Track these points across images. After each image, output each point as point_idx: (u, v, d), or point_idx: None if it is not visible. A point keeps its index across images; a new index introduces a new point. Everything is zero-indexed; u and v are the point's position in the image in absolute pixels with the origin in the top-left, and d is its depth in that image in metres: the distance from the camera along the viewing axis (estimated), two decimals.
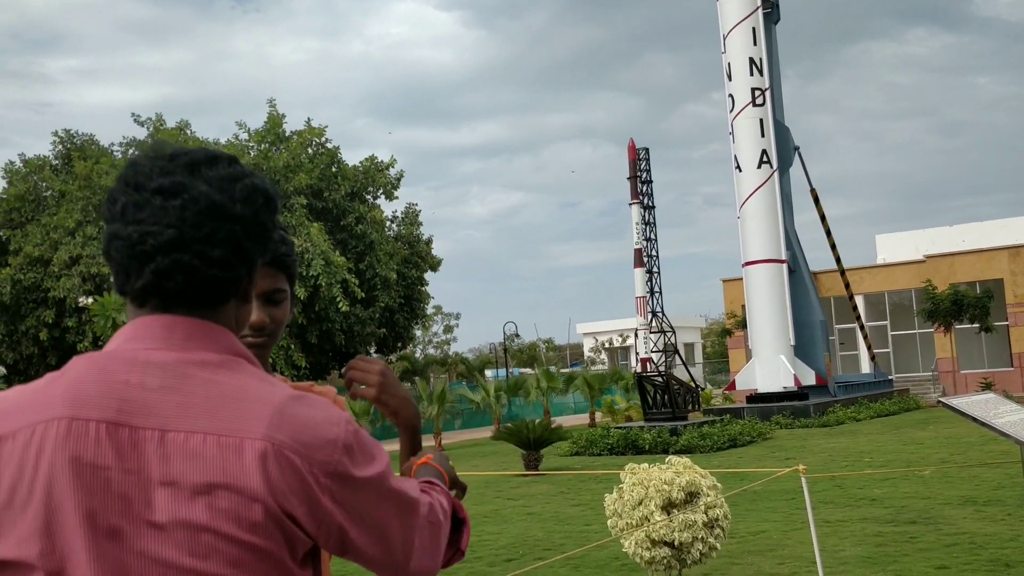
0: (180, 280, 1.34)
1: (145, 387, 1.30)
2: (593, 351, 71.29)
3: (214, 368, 1.33)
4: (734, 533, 10.28)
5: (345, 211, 33.94)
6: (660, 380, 26.16)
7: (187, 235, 1.33)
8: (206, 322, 1.38)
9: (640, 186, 35.43)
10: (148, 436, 1.27)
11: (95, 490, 1.26)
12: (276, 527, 1.28)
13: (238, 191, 1.38)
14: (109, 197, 1.40)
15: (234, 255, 1.37)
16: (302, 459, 1.29)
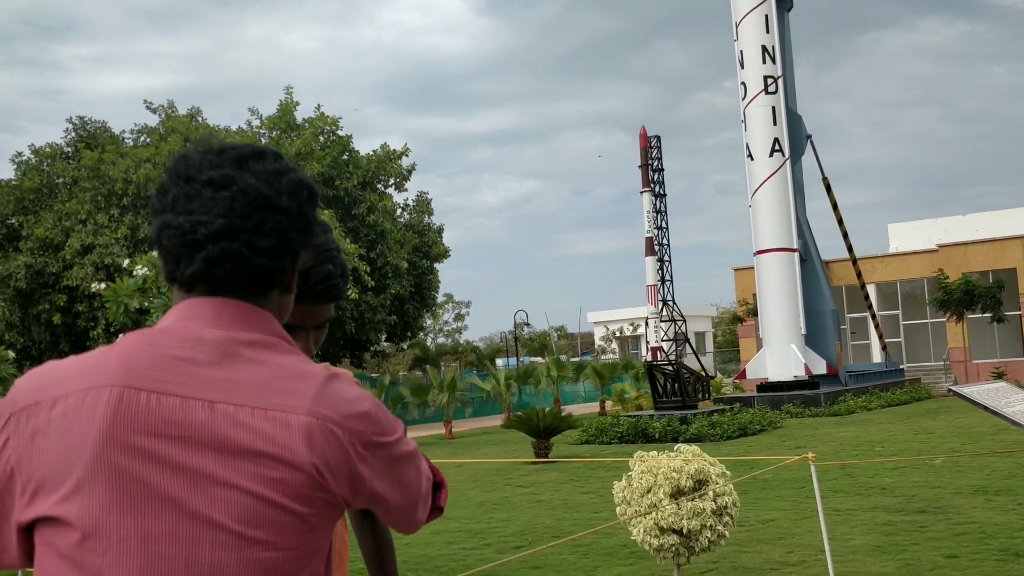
0: (229, 268, 1.41)
1: (195, 362, 1.36)
2: (604, 340, 71.24)
3: (260, 348, 1.40)
4: (743, 521, 10.28)
5: (357, 200, 33.96)
6: (670, 369, 26.12)
7: (236, 225, 1.40)
8: (253, 306, 1.45)
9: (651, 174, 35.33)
10: (197, 407, 1.33)
11: (143, 456, 1.31)
12: (319, 496, 1.36)
13: (284, 184, 1.45)
14: (160, 188, 1.46)
15: (281, 245, 1.44)
16: (343, 431, 1.37)
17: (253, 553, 1.32)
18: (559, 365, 35.98)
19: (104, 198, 32.46)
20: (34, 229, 33.02)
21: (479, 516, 12.14)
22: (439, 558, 9.53)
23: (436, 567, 9.07)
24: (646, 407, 27.94)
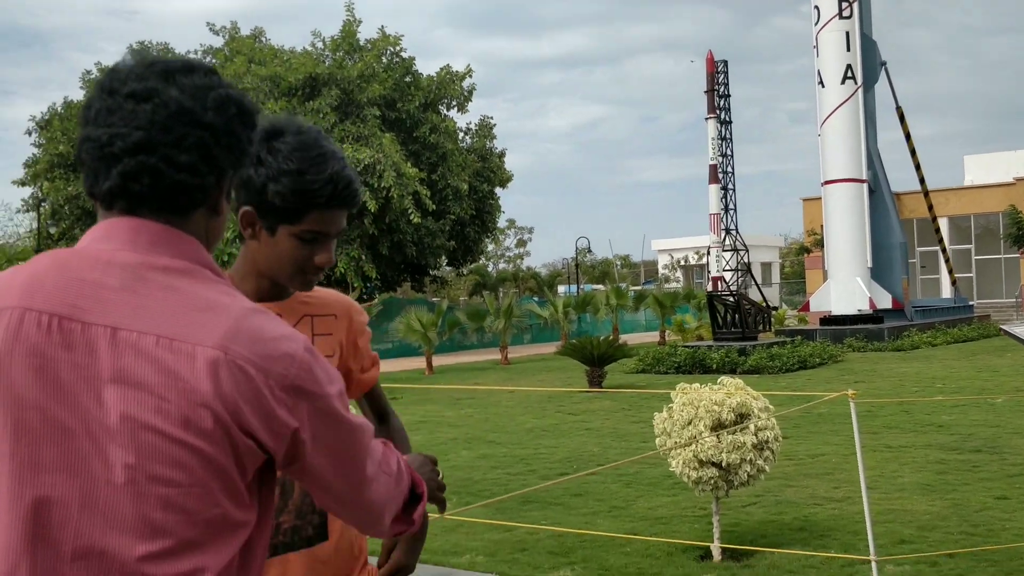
0: (146, 183, 1.35)
1: (102, 285, 1.31)
2: (667, 268, 70.71)
3: (176, 274, 1.35)
4: (792, 455, 10.16)
5: (418, 122, 33.77)
6: (731, 299, 25.83)
7: (155, 138, 1.35)
8: (173, 229, 1.39)
9: (717, 100, 34.55)
10: (100, 333, 1.28)
11: (43, 382, 1.27)
12: (224, 435, 1.29)
13: (211, 99, 1.39)
14: (86, 102, 1.43)
15: (202, 161, 1.38)
16: (257, 370, 1.30)
17: (150, 488, 1.27)
18: (619, 293, 35.79)
19: None
20: None
21: (526, 442, 12.18)
22: (483, 482, 9.59)
23: (479, 490, 9.12)
24: (707, 338, 27.73)
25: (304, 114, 31.63)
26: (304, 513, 2.09)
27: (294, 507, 2.08)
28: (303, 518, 2.09)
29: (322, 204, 1.98)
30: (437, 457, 2.00)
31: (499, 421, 14.44)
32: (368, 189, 29.66)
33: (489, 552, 6.84)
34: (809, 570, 6.08)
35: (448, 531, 7.50)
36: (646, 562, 6.46)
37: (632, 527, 7.39)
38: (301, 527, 2.09)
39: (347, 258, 30.92)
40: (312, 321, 2.17)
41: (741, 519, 7.51)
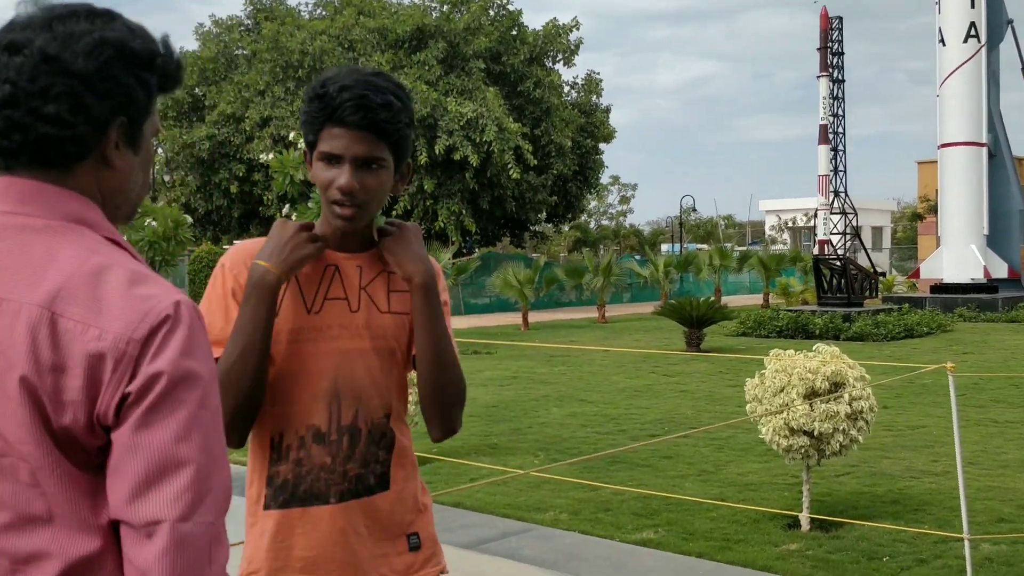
0: (16, 139, 1.29)
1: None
2: (775, 230, 69.31)
3: (32, 232, 1.28)
4: (891, 426, 9.89)
5: (523, 76, 33.61)
6: (837, 263, 25.19)
7: (21, 91, 1.28)
8: (48, 185, 1.32)
9: (830, 58, 33.47)
10: None
11: None
12: (34, 402, 1.21)
13: (82, 45, 1.29)
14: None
15: (72, 112, 1.29)
16: (84, 335, 1.21)
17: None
18: (722, 254, 35.21)
19: (282, 70, 33.30)
20: (216, 101, 34.30)
21: (618, 402, 12.12)
22: (571, 440, 9.58)
23: (567, 448, 9.12)
24: (811, 303, 27.14)
25: (410, 67, 31.81)
26: (369, 462, 2.09)
27: (360, 455, 2.08)
28: (367, 467, 2.08)
29: (327, 119, 1.99)
30: None
31: (592, 380, 14.41)
32: (470, 143, 29.71)
33: (573, 510, 6.84)
34: (899, 544, 5.92)
35: (533, 487, 7.53)
36: (731, 528, 6.37)
37: (720, 492, 7.30)
38: (365, 475, 2.08)
39: (447, 212, 31.11)
40: (389, 277, 2.16)
41: (833, 489, 7.35)
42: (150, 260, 19.39)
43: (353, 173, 1.99)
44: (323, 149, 2.01)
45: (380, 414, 2.10)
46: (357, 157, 1.99)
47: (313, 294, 2.08)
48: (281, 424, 2.06)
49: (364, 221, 2.08)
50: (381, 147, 2.01)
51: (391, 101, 2.00)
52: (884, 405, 10.70)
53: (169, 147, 34.50)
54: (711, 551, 5.89)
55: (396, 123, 2.02)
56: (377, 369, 2.10)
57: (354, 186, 1.99)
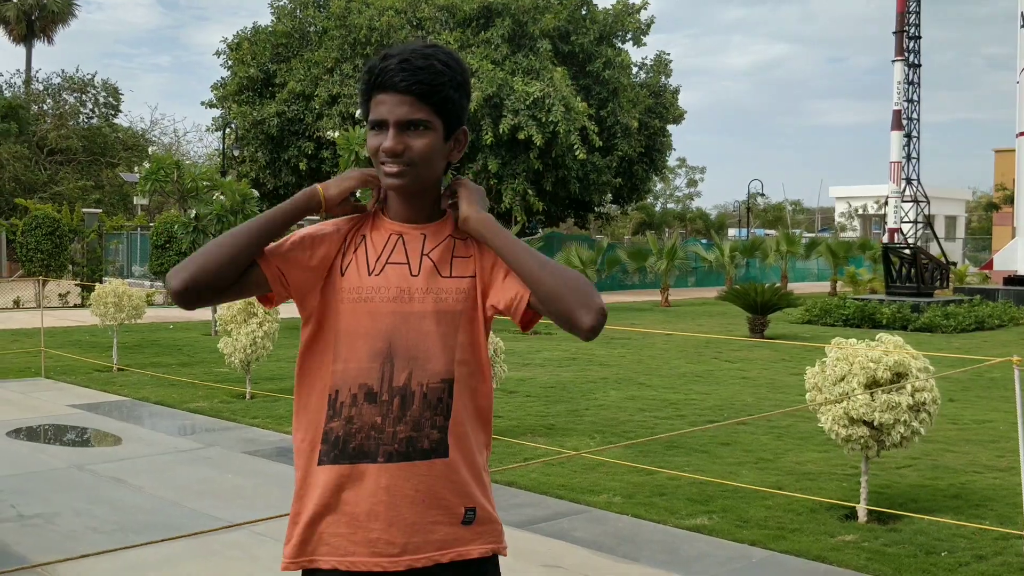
0: None
1: None
2: (844, 216, 68.10)
3: None
4: (956, 419, 9.70)
5: (592, 56, 33.38)
6: (907, 252, 24.69)
7: None
8: None
9: (907, 42, 32.69)
10: None
11: None
12: None
13: None
14: None
15: None
16: None
17: None
18: (790, 239, 34.74)
19: (350, 47, 33.50)
20: (287, 79, 34.62)
21: (678, 386, 12.05)
22: (629, 423, 9.55)
23: (623, 431, 9.10)
24: (880, 292, 26.66)
25: (476, 45, 31.79)
26: (422, 426, 2.09)
27: (412, 419, 2.08)
28: (420, 431, 2.09)
29: (372, 86, 2.07)
30: None
31: (652, 363, 14.33)
32: (535, 123, 29.63)
33: (627, 494, 6.83)
34: (959, 539, 5.81)
35: (588, 469, 7.53)
36: (787, 517, 6.31)
37: (777, 481, 7.23)
38: (417, 439, 2.09)
39: (512, 192, 31.08)
40: (453, 243, 2.18)
41: (893, 481, 7.23)
42: (217, 232, 19.67)
43: (397, 135, 2.05)
44: (372, 117, 2.09)
45: (437, 379, 2.10)
46: (400, 120, 2.04)
47: (376, 257, 2.13)
48: (338, 381, 2.11)
49: (416, 183, 2.11)
50: (424, 109, 2.05)
51: (433, 64, 2.05)
52: (950, 398, 10.49)
53: (240, 123, 34.96)
54: (765, 539, 5.84)
55: (438, 84, 2.05)
56: (436, 333, 2.11)
57: (397, 147, 2.04)
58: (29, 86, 44.74)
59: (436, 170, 2.14)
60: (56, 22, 51.74)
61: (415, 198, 2.15)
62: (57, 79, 45.06)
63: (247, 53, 35.62)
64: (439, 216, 2.19)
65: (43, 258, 26.99)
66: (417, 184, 2.10)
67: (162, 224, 25.65)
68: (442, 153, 2.13)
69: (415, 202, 2.15)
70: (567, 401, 10.76)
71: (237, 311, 10.31)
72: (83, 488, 6.92)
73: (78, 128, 43.01)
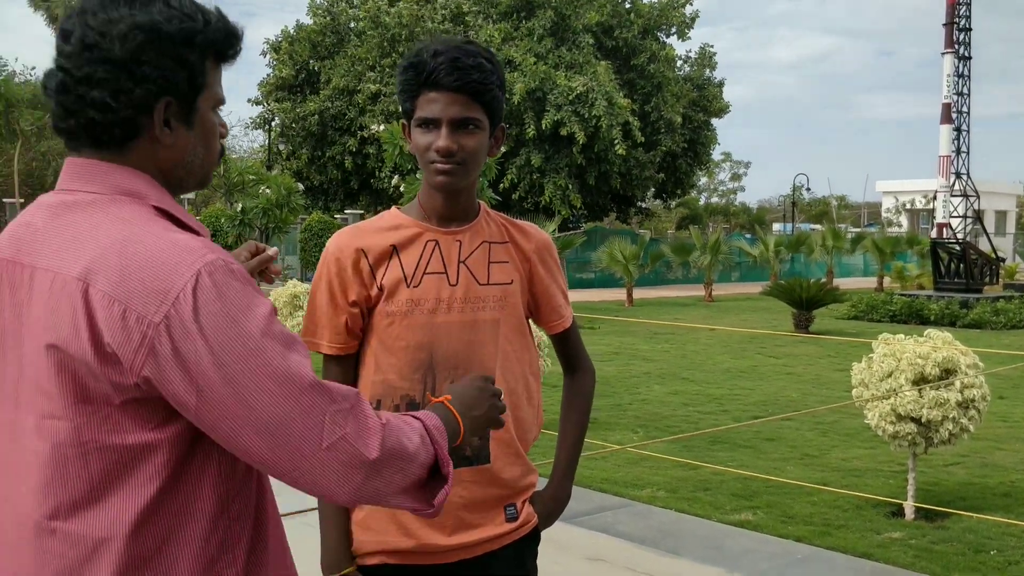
0: (71, 123, 1.38)
1: (34, 227, 1.38)
2: (890, 212, 67.22)
3: (82, 207, 1.35)
4: (1007, 417, 9.57)
5: (636, 50, 33.22)
6: (956, 248, 24.32)
7: (71, 78, 1.35)
8: (100, 162, 1.39)
9: (957, 34, 32.14)
10: (27, 272, 1.35)
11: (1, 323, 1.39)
12: (87, 369, 1.27)
13: (117, 31, 1.35)
14: None
15: (113, 97, 1.35)
16: (121, 303, 1.25)
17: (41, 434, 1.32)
18: (835, 234, 34.31)
19: (389, 44, 33.61)
20: (331, 75, 34.82)
21: (722, 382, 11.99)
22: (672, 418, 9.52)
23: (667, 426, 9.07)
24: (928, 287, 26.30)
25: (519, 38, 31.77)
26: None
27: None
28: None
29: (422, 84, 2.03)
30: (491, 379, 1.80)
31: (696, 359, 14.27)
32: (577, 119, 29.57)
33: (671, 488, 6.81)
34: (1008, 538, 5.73)
35: (632, 463, 7.52)
36: (833, 513, 6.26)
37: (822, 477, 7.17)
38: (460, 446, 2.11)
39: (553, 186, 31.05)
40: (490, 249, 2.18)
41: (941, 479, 7.15)
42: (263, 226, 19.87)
43: (450, 134, 2.03)
44: (420, 115, 2.06)
45: None
46: (453, 119, 2.03)
47: (413, 268, 2.12)
48: (379, 392, 2.12)
49: (464, 181, 2.11)
50: (475, 108, 2.04)
51: (482, 63, 2.05)
52: (1000, 395, 10.33)
53: (283, 119, 35.23)
54: (810, 535, 5.80)
55: (488, 84, 2.05)
56: (476, 342, 2.13)
57: (452, 147, 2.03)
58: None
59: (480, 167, 2.15)
60: None
61: (458, 195, 2.15)
62: None
63: (286, 53, 35.89)
64: (475, 214, 2.20)
65: None
66: (465, 182, 2.11)
67: (208, 217, 25.94)
68: (487, 150, 2.14)
69: (456, 199, 2.15)
70: (610, 396, 10.75)
71: (283, 304, 10.40)
72: None
73: None
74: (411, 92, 2.07)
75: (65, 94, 1.36)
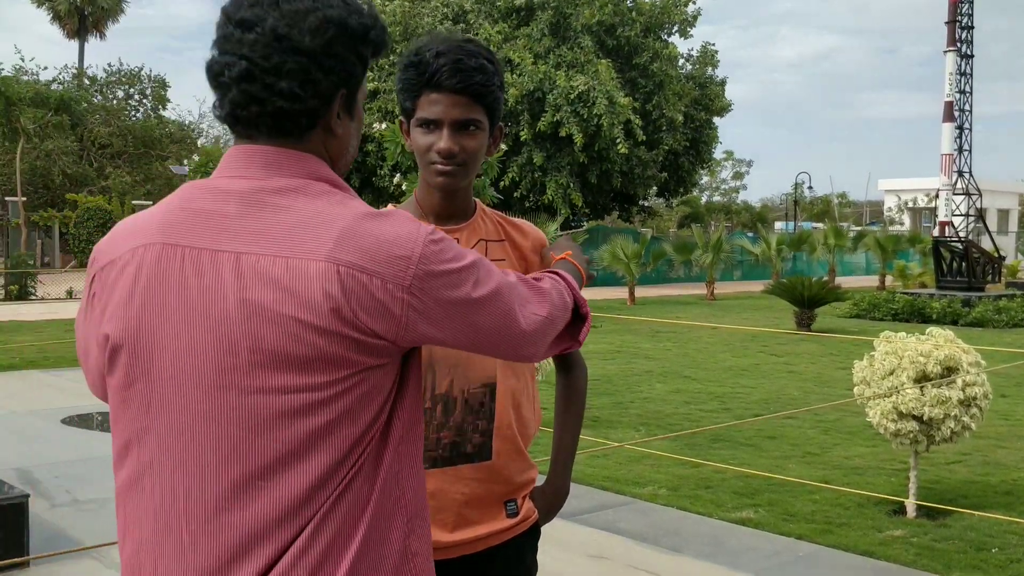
0: (254, 111, 1.42)
1: (224, 214, 1.41)
2: (891, 211, 67.17)
3: (289, 194, 1.41)
4: (1008, 415, 9.57)
5: (638, 48, 33.20)
6: (958, 246, 24.31)
7: (256, 67, 1.40)
8: (287, 149, 1.45)
9: (959, 32, 32.11)
10: (226, 259, 1.38)
11: (178, 308, 1.40)
12: (345, 341, 1.36)
13: (308, 23, 1.41)
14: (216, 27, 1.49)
15: (302, 87, 1.42)
16: (371, 277, 1.36)
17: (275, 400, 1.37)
18: (837, 233, 34.32)
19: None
20: None
21: (724, 380, 11.99)
22: (674, 416, 9.53)
23: (669, 424, 9.08)
24: (930, 286, 26.30)
25: (519, 38, 31.76)
26: (465, 431, 2.13)
27: (455, 424, 2.12)
28: (463, 435, 2.13)
29: (424, 85, 2.02)
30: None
31: (698, 357, 14.27)
32: (576, 119, 29.56)
33: (672, 486, 6.82)
34: (1010, 536, 5.73)
35: (633, 461, 7.52)
36: (834, 511, 6.26)
37: (824, 475, 7.17)
38: (461, 443, 2.13)
39: (555, 185, 31.04)
40: (487, 246, 2.20)
41: (943, 477, 7.15)
42: None
43: (452, 135, 2.03)
44: (421, 115, 2.06)
45: (478, 384, 2.13)
46: (455, 120, 2.03)
47: None
48: None
49: (463, 181, 2.11)
50: (477, 109, 2.04)
51: (484, 64, 2.04)
52: (1002, 393, 10.33)
53: None
54: (812, 533, 5.81)
55: (490, 85, 2.05)
56: None
57: (454, 148, 2.03)
58: (81, 80, 45.37)
59: (479, 166, 2.16)
60: (107, 17, 52.47)
61: (455, 194, 2.16)
62: (104, 73, 45.65)
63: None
64: (472, 212, 2.21)
65: None
66: (465, 182, 2.12)
67: None
68: (486, 150, 2.14)
69: (454, 198, 2.16)
70: (612, 394, 10.75)
71: None
72: None
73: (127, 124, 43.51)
74: (412, 92, 2.07)
75: (251, 82, 1.41)
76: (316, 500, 1.37)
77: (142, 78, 45.58)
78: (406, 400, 1.49)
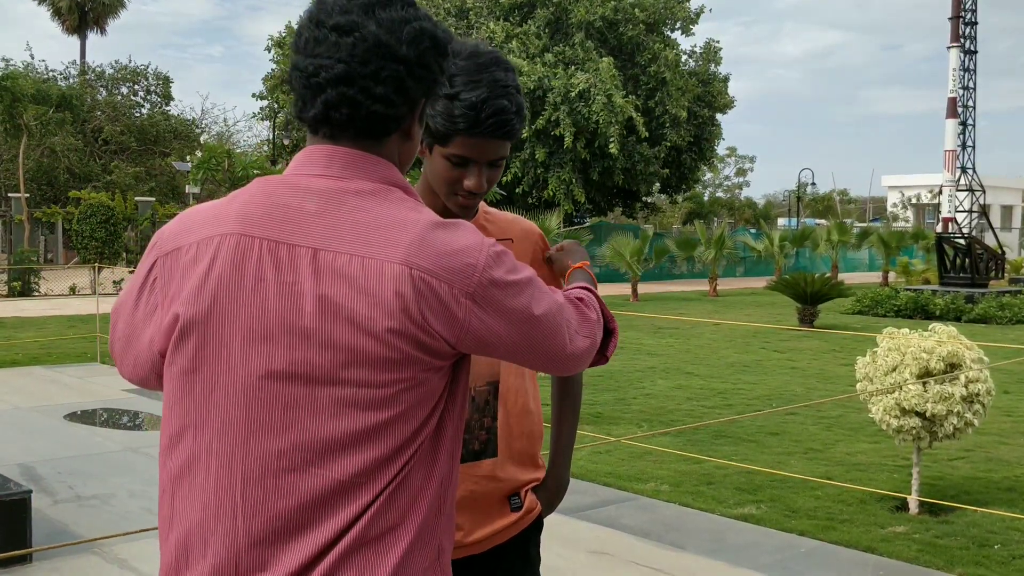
0: (345, 112, 1.48)
1: (303, 210, 1.46)
2: (896, 207, 67.10)
3: (366, 196, 1.47)
4: (1012, 411, 9.56)
5: (640, 46, 33.16)
6: (962, 242, 24.28)
7: (354, 71, 1.46)
8: (366, 153, 1.51)
9: (963, 28, 32.08)
10: (303, 253, 1.43)
11: (254, 297, 1.44)
12: (412, 341, 1.42)
13: (406, 33, 1.48)
14: (296, 30, 1.54)
15: (396, 93, 1.48)
16: (440, 282, 1.42)
17: (342, 392, 1.42)
18: (841, 229, 34.26)
19: None
20: None
21: (726, 376, 11.99)
22: (676, 412, 9.53)
23: (671, 420, 9.08)
24: (933, 282, 26.26)
25: (519, 36, 31.73)
26: (472, 428, 2.14)
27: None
28: (470, 433, 2.14)
29: (465, 130, 1.96)
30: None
31: (700, 353, 14.27)
32: (571, 118, 29.54)
33: (674, 482, 6.82)
34: (1013, 532, 5.73)
35: (635, 457, 7.52)
36: (836, 507, 6.26)
37: (826, 471, 7.17)
38: (468, 441, 2.13)
39: (557, 181, 31.03)
40: None
41: (945, 473, 7.15)
42: None
43: (482, 172, 2.02)
44: (455, 152, 1.99)
45: (483, 382, 2.14)
46: (490, 160, 2.02)
47: None
48: None
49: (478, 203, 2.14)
50: (506, 146, 2.05)
51: (520, 103, 2.03)
52: (1005, 390, 10.32)
53: (287, 113, 35.25)
54: (814, 529, 5.81)
55: (521, 125, 2.05)
56: None
57: (484, 188, 2.04)
58: (84, 76, 45.37)
59: None
60: (108, 13, 52.42)
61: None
62: (110, 69, 45.60)
63: (290, 48, 35.97)
64: (473, 213, 2.20)
65: (98, 246, 27.46)
66: (476, 207, 2.15)
67: None
68: None
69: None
70: (614, 390, 10.75)
71: None
72: (137, 470, 7.06)
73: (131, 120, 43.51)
74: (449, 131, 1.98)
75: (349, 85, 1.46)
76: (371, 489, 1.42)
77: (147, 75, 45.61)
78: (456, 406, 1.55)
